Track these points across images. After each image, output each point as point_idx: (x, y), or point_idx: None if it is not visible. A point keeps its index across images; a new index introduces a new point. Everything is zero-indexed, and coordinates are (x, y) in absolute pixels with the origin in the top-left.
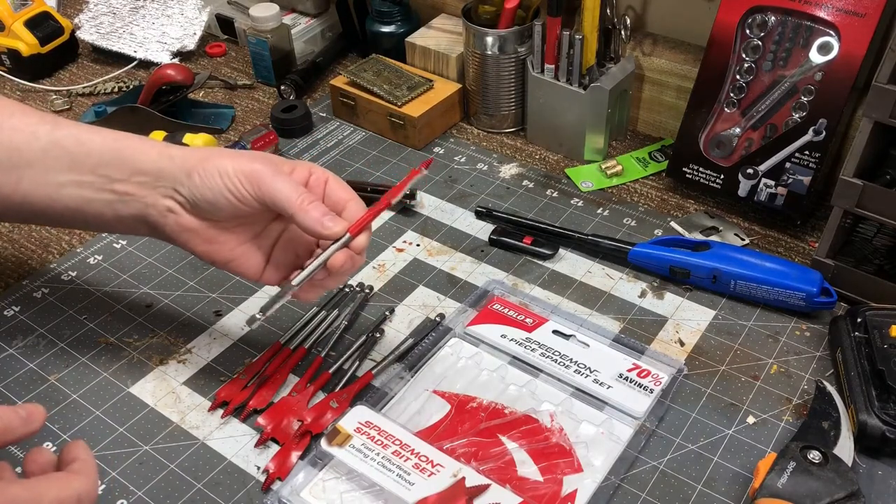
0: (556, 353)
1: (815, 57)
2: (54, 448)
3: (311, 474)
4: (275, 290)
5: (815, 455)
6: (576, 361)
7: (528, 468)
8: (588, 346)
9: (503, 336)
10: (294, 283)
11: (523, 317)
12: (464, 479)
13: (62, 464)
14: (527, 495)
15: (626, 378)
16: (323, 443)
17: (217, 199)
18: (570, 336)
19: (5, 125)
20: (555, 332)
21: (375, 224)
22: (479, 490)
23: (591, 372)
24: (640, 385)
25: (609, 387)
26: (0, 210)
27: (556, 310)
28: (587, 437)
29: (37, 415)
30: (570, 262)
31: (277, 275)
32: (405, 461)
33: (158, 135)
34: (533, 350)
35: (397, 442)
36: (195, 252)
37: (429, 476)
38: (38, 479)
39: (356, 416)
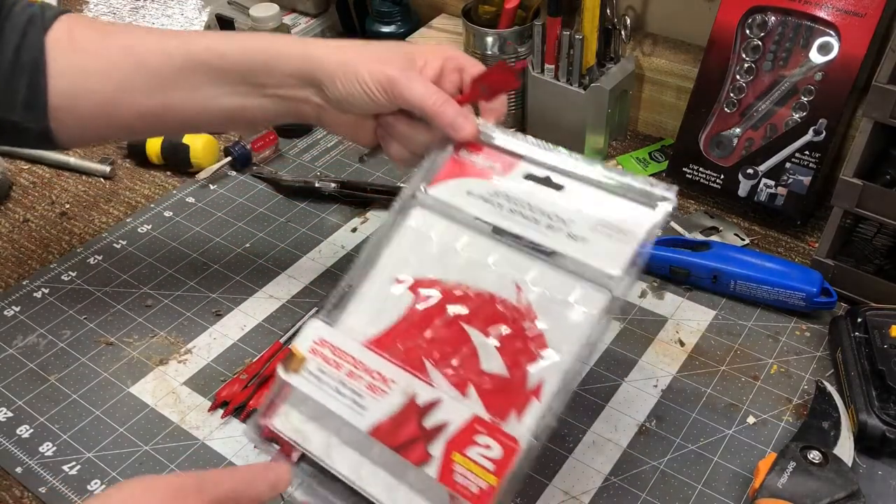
0: (526, 206)
1: (815, 57)
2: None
3: (278, 405)
4: (273, 288)
5: (815, 455)
6: (547, 213)
7: (492, 362)
8: (563, 187)
9: (469, 193)
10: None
11: (491, 162)
12: (414, 396)
13: None
14: (486, 399)
15: (606, 224)
16: (280, 370)
17: (358, 102)
18: (546, 178)
19: (134, 48)
20: (527, 176)
21: None
22: (430, 407)
23: (564, 224)
24: (620, 231)
25: (584, 240)
26: (153, 128)
27: (536, 148)
28: (556, 313)
29: (283, 480)
30: None
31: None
32: (359, 382)
33: None
34: (500, 206)
35: (351, 360)
36: (345, 137)
37: (382, 396)
38: None
39: (311, 335)
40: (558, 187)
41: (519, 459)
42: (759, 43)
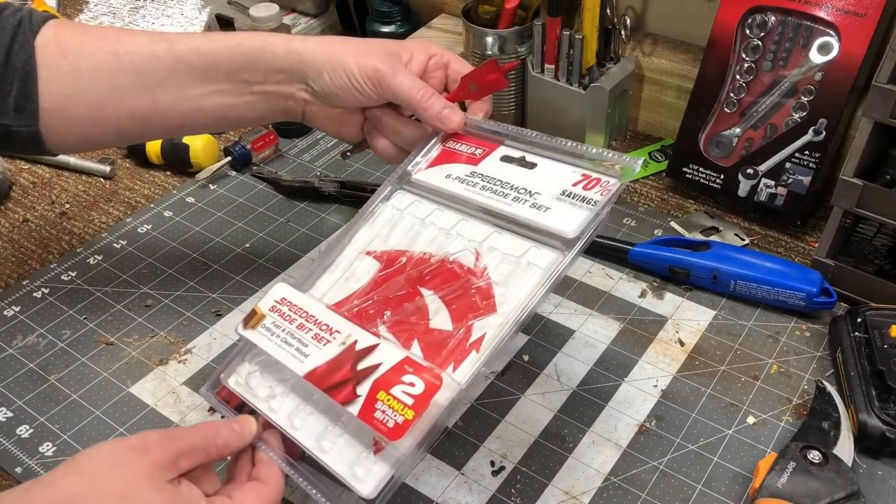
0: (497, 183)
1: (815, 57)
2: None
3: (237, 363)
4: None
5: (815, 455)
6: (516, 187)
7: (440, 318)
8: (536, 165)
9: (447, 176)
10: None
11: (473, 148)
12: (354, 343)
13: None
14: (428, 353)
15: (570, 194)
16: (239, 327)
17: (346, 95)
18: (521, 157)
19: (121, 51)
20: (503, 158)
21: None
22: (366, 352)
23: (530, 196)
24: (583, 199)
25: (547, 209)
26: (143, 131)
27: (515, 133)
28: (507, 272)
29: (248, 427)
30: None
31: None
32: (306, 333)
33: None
34: (474, 185)
35: (304, 315)
36: (328, 132)
37: (325, 345)
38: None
39: (274, 295)
40: (531, 165)
41: (441, 398)
42: (759, 43)
